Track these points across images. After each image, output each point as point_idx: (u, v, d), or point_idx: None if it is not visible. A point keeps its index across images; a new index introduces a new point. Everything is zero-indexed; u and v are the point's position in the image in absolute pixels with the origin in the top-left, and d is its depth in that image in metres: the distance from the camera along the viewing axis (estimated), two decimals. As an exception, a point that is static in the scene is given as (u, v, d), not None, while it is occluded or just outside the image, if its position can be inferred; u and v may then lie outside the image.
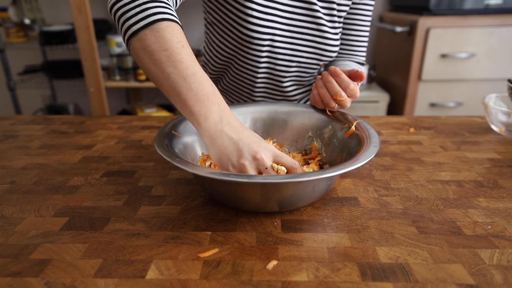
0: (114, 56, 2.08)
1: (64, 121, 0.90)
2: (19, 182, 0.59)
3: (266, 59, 0.76)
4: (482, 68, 1.75)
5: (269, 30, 0.71)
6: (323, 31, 0.74)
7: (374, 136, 0.51)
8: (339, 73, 0.58)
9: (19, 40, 2.08)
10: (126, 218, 0.49)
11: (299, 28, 0.74)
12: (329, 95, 0.59)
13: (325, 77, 0.60)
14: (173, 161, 0.44)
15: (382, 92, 2.01)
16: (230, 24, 0.73)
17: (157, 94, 2.48)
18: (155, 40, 0.46)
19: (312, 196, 0.49)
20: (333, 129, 0.60)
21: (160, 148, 0.48)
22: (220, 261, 0.41)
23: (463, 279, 0.38)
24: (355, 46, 0.82)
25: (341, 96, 0.58)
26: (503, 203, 0.52)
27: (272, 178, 0.41)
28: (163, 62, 0.46)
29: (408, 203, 0.52)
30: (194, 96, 0.46)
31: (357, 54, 0.84)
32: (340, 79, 0.58)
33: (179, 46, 0.47)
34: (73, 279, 0.38)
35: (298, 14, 0.72)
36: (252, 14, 0.69)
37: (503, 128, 0.77)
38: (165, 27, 0.47)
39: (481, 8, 1.70)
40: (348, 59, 0.83)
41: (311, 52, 0.76)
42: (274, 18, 0.71)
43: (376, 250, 0.42)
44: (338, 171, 0.42)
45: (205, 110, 0.46)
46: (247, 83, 0.81)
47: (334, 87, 0.58)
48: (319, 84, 0.62)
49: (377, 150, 0.47)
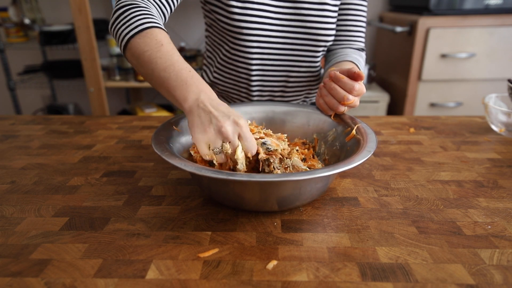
0: (114, 56, 2.08)
1: (64, 121, 0.90)
2: (19, 182, 0.59)
3: (257, 49, 0.76)
4: (482, 68, 1.74)
5: (256, 19, 0.72)
6: (311, 15, 0.74)
7: (372, 141, 0.51)
8: (340, 77, 0.58)
9: (19, 40, 2.08)
10: (126, 218, 0.49)
11: (286, 15, 0.74)
12: (336, 101, 0.59)
13: (328, 85, 0.60)
14: (169, 160, 0.44)
15: (382, 92, 2.01)
16: (219, 20, 0.75)
17: (157, 94, 2.48)
18: (138, 46, 0.54)
19: (304, 195, 0.48)
20: (336, 132, 0.60)
21: (157, 146, 0.49)
22: (220, 261, 0.41)
23: (463, 279, 0.38)
24: (353, 31, 0.82)
25: (348, 100, 0.58)
26: (503, 203, 0.52)
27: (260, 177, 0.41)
28: (146, 61, 0.53)
29: (408, 203, 0.52)
30: (173, 83, 0.51)
31: (356, 39, 0.83)
32: (343, 83, 0.58)
33: (158, 45, 0.53)
34: (73, 279, 0.38)
35: (283, 1, 0.73)
36: (234, 10, 0.71)
37: (503, 128, 0.77)
38: (145, 35, 0.54)
39: (481, 8, 1.70)
40: (347, 46, 0.82)
41: (301, 38, 0.76)
42: (259, 7, 0.72)
43: (376, 250, 0.42)
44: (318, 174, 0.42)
45: (184, 93, 0.50)
46: (242, 79, 0.81)
47: (339, 92, 0.58)
48: (324, 92, 0.61)
49: (368, 156, 0.46)
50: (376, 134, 0.79)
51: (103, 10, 2.26)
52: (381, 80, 2.17)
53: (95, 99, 1.95)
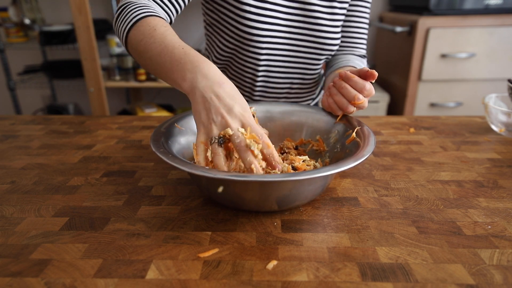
0: (114, 56, 2.08)
1: (64, 121, 0.90)
2: (19, 182, 0.59)
3: (266, 56, 0.76)
4: (482, 68, 1.74)
5: (268, 26, 0.72)
6: (321, 25, 0.74)
7: (371, 144, 0.50)
8: (351, 76, 0.56)
9: (19, 40, 2.08)
10: (126, 218, 0.49)
11: (296, 23, 0.74)
12: (346, 100, 0.57)
13: (338, 83, 0.58)
14: (168, 159, 0.44)
15: (382, 92, 2.01)
16: (228, 23, 0.74)
17: (157, 94, 2.49)
18: (134, 37, 0.53)
19: (303, 194, 0.48)
20: (338, 134, 0.60)
21: (155, 144, 0.49)
22: (220, 261, 0.41)
23: (463, 279, 0.38)
24: (356, 38, 0.82)
25: (358, 100, 0.56)
26: (503, 203, 0.52)
27: (259, 177, 0.40)
28: (142, 51, 0.51)
29: (408, 203, 0.52)
30: (169, 65, 0.48)
31: (358, 46, 0.83)
32: (354, 82, 0.56)
33: (151, 30, 0.52)
34: (73, 279, 0.38)
35: (295, 9, 0.73)
36: (248, 15, 0.70)
37: (503, 128, 0.77)
38: (140, 24, 0.53)
39: (481, 8, 1.70)
40: (349, 53, 0.82)
41: (310, 47, 0.76)
42: (272, 14, 0.71)
43: (376, 250, 0.42)
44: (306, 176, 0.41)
45: (180, 73, 0.47)
46: (247, 81, 0.81)
47: (350, 92, 0.56)
48: (333, 91, 0.59)
49: (362, 160, 0.45)
50: (376, 134, 0.79)
51: (103, 10, 2.26)
52: (381, 80, 2.17)
53: (95, 99, 1.95)
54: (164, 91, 2.47)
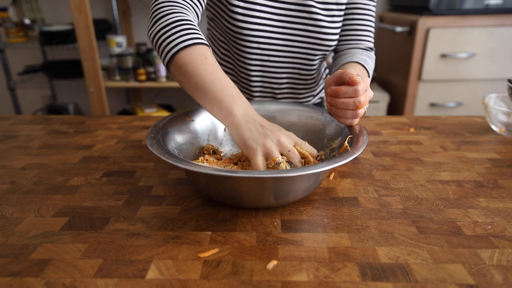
0: (114, 56, 2.08)
1: (64, 121, 0.90)
2: (19, 182, 0.59)
3: (258, 50, 0.76)
4: (482, 68, 1.74)
5: (257, 20, 0.72)
6: (317, 20, 0.74)
7: (361, 147, 0.50)
8: (338, 89, 0.57)
9: (19, 40, 2.07)
10: (126, 218, 0.49)
11: (289, 18, 0.74)
12: (351, 112, 0.57)
13: (333, 103, 0.58)
14: (164, 158, 0.45)
15: (382, 92, 2.01)
16: (220, 20, 0.75)
17: (157, 94, 2.48)
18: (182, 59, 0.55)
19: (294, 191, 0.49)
20: (341, 142, 0.59)
21: (150, 141, 0.49)
22: (220, 261, 0.41)
23: (463, 279, 0.38)
24: (360, 30, 0.79)
25: (360, 103, 0.56)
26: (503, 203, 0.52)
27: (255, 173, 0.43)
28: (190, 73, 0.55)
29: (408, 203, 0.52)
30: (219, 95, 0.53)
31: (363, 39, 0.79)
32: (344, 92, 0.56)
33: (202, 58, 0.55)
34: (73, 279, 0.38)
35: (287, 3, 0.73)
36: (237, 9, 0.71)
37: (503, 128, 0.77)
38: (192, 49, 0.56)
39: (481, 8, 1.70)
40: (354, 46, 0.79)
41: (304, 42, 0.76)
42: (261, 9, 0.72)
43: (376, 250, 0.42)
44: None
45: (231, 105, 0.53)
46: (243, 77, 0.82)
47: (348, 103, 0.56)
48: (335, 112, 0.60)
49: (340, 163, 0.45)
50: (376, 134, 0.79)
51: (103, 10, 2.26)
52: (381, 80, 2.17)
53: (95, 99, 1.95)
54: (164, 91, 2.47)
